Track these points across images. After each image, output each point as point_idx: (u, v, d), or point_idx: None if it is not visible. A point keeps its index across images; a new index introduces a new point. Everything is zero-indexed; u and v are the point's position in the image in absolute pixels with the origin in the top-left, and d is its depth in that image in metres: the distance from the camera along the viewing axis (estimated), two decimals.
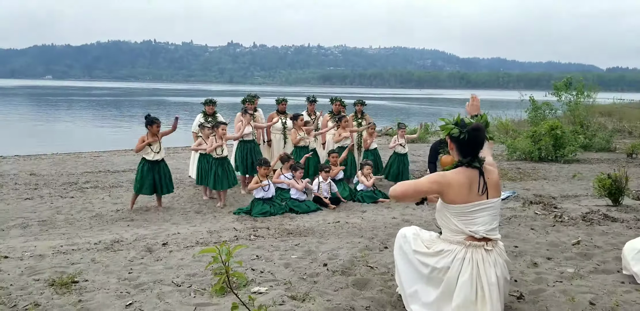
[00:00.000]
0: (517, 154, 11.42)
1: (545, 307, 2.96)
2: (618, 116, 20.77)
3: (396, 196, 2.71)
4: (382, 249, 4.30)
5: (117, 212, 6.50)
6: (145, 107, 37.43)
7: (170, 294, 3.26)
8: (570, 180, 8.50)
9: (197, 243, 4.73)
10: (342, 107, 8.84)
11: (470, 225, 2.69)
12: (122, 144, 15.34)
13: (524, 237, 4.58)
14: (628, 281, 3.39)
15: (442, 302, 2.71)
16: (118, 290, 3.37)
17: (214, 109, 8.11)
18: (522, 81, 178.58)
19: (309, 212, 6.47)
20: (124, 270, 3.86)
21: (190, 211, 6.65)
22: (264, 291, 3.25)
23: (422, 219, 5.59)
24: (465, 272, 2.65)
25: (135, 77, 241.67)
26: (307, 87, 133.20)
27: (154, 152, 6.60)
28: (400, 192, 2.69)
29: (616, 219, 5.18)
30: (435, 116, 24.27)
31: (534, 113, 14.30)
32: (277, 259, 4.03)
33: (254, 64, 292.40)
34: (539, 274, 3.55)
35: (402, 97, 77.71)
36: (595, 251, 4.10)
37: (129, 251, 4.44)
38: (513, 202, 6.39)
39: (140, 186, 6.57)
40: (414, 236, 2.90)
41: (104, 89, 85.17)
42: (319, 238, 4.82)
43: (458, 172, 2.72)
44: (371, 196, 7.28)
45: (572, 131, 12.16)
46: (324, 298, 3.08)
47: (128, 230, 5.50)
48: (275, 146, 8.49)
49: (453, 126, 2.76)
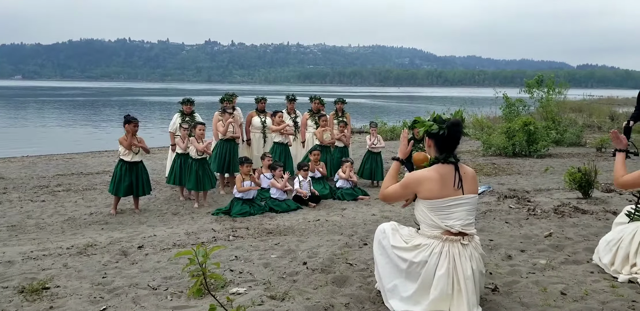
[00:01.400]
0: (492, 150, 11.61)
1: (519, 298, 3.03)
2: (588, 111, 21.33)
3: (383, 200, 3.00)
4: (362, 246, 4.33)
5: (90, 215, 6.37)
6: (120, 108, 36.79)
7: (146, 298, 3.22)
8: (543, 174, 8.69)
9: (174, 245, 4.67)
10: (321, 105, 8.88)
11: (446, 220, 2.74)
12: (96, 145, 15.06)
13: (499, 230, 4.66)
14: (597, 271, 3.49)
15: (419, 296, 2.75)
16: (91, 295, 3.31)
17: (191, 108, 8.04)
18: (497, 78, 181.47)
19: (289, 211, 6.46)
20: (98, 274, 3.79)
21: (167, 212, 6.57)
22: (242, 291, 3.23)
23: (401, 216, 5.64)
24: (442, 266, 2.70)
25: (110, 76, 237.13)
26: (287, 86, 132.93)
27: (132, 153, 6.50)
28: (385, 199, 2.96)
29: (586, 211, 5.32)
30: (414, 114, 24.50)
31: (508, 110, 14.56)
32: (256, 259, 4.01)
33: (233, 63, 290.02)
34: (513, 266, 3.63)
35: (380, 95, 78.19)
36: (567, 242, 4.20)
37: (103, 255, 4.36)
38: (488, 196, 6.50)
39: (116, 187, 6.46)
40: (392, 232, 2.94)
41: (76, 89, 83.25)
42: (299, 237, 4.82)
43: (431, 169, 2.79)
44: (351, 194, 7.31)
45: (545, 127, 12.41)
46: (304, 297, 3.09)
47: (102, 234, 5.41)
48: (254, 145, 8.45)
49: (432, 123, 2.79)
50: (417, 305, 2.74)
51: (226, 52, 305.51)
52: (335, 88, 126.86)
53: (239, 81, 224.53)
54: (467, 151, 12.27)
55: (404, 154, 3.02)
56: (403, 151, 3.03)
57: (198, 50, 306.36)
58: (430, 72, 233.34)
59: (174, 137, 7.88)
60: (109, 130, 20.29)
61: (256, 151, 8.28)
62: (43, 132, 20.58)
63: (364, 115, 29.46)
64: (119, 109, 35.41)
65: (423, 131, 2.85)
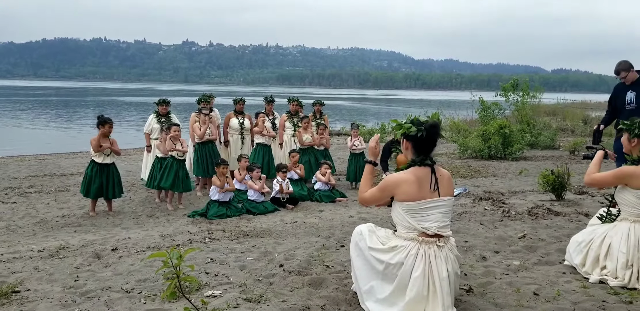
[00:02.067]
0: (469, 153, 11.78)
1: (493, 299, 3.07)
2: (562, 115, 21.85)
3: (363, 204, 3.02)
4: (339, 247, 4.33)
5: (63, 217, 6.23)
6: (95, 108, 36.11)
7: (119, 301, 3.15)
8: (518, 177, 8.85)
9: (148, 247, 4.60)
10: (299, 107, 8.87)
11: (422, 222, 2.76)
12: (69, 146, 14.74)
13: (474, 232, 4.72)
14: (569, 271, 3.56)
15: (395, 297, 2.76)
16: (63, 299, 3.23)
17: (167, 109, 7.93)
18: (473, 82, 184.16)
19: (266, 213, 6.43)
20: (70, 277, 3.70)
21: (142, 214, 6.47)
22: (218, 294, 3.20)
23: (379, 217, 5.67)
24: (418, 268, 2.71)
25: (85, 76, 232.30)
26: (265, 87, 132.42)
27: (104, 155, 6.37)
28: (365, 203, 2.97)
29: (559, 213, 5.43)
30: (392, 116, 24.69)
31: (484, 113, 14.79)
32: (232, 261, 3.98)
33: (211, 64, 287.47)
34: (488, 267, 3.68)
35: (359, 98, 78.55)
36: (540, 244, 4.28)
37: (76, 257, 4.27)
38: (464, 198, 6.58)
39: (87, 189, 6.32)
40: (369, 233, 2.95)
41: (50, 89, 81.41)
42: (276, 239, 4.80)
43: (407, 171, 2.80)
44: (329, 196, 7.32)
45: (520, 130, 12.66)
46: (280, 299, 3.07)
47: (75, 236, 5.29)
48: (232, 146, 8.39)
49: (410, 125, 2.81)
50: (393, 306, 2.75)
51: (204, 53, 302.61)
52: (314, 90, 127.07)
53: (217, 82, 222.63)
54: (444, 154, 12.42)
55: (374, 156, 3.04)
56: (373, 152, 3.04)
57: (175, 50, 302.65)
58: (409, 75, 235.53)
59: (150, 138, 7.77)
60: (84, 131, 19.88)
61: (234, 153, 8.21)
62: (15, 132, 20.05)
63: (343, 117, 29.58)
64: (94, 109, 34.75)
65: (400, 133, 2.86)
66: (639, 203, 3.31)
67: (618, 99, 5.71)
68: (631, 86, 5.58)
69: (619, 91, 5.71)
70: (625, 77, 5.58)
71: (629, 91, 5.58)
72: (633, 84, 5.57)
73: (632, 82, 5.57)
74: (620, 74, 5.60)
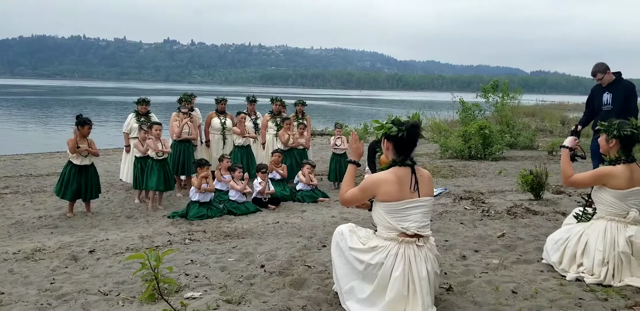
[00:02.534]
0: (449, 153, 11.90)
1: (472, 297, 3.10)
2: (540, 116, 22.24)
3: (344, 205, 3.02)
4: (321, 248, 4.32)
5: (39, 219, 6.10)
6: (74, 107, 35.46)
7: (96, 304, 3.10)
8: (497, 176, 8.97)
9: (127, 249, 4.53)
10: (282, 107, 8.84)
11: (402, 222, 2.77)
12: (46, 146, 14.45)
13: (454, 231, 4.77)
14: (547, 270, 3.62)
15: (376, 297, 2.77)
16: (38, 302, 3.16)
17: (147, 108, 7.82)
18: (455, 83, 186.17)
19: (248, 213, 6.39)
20: (46, 280, 3.63)
21: (120, 216, 6.37)
22: (197, 296, 3.16)
23: (360, 217, 5.68)
24: (398, 267, 2.72)
25: (63, 74, 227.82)
26: (248, 87, 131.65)
27: (82, 156, 6.25)
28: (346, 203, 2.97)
29: (537, 212, 5.52)
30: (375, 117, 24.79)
31: (465, 114, 14.96)
32: (212, 263, 3.94)
33: (192, 63, 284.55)
34: (467, 266, 3.71)
35: (342, 98, 78.70)
36: (518, 242, 4.34)
37: (52, 260, 4.19)
38: (445, 198, 6.64)
39: (63, 190, 6.19)
40: (350, 233, 2.95)
41: (27, 87, 79.62)
42: (258, 240, 4.77)
43: (388, 171, 2.81)
44: (311, 196, 7.31)
45: (499, 131, 12.83)
46: (260, 300, 3.05)
47: (51, 238, 5.18)
48: (214, 146, 8.31)
49: (391, 125, 2.82)
50: (374, 306, 2.75)
51: (186, 52, 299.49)
52: (297, 90, 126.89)
53: (198, 81, 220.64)
54: (425, 154, 12.53)
55: (358, 156, 3.03)
56: (356, 152, 3.04)
57: (156, 49, 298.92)
58: (391, 76, 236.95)
59: (129, 138, 7.66)
60: (61, 130, 19.50)
61: (215, 153, 8.14)
62: None
63: (326, 117, 29.62)
64: (73, 108, 34.13)
65: (381, 133, 2.87)
66: (615, 202, 3.38)
67: (595, 100, 5.82)
68: (607, 87, 5.69)
69: (596, 93, 5.82)
70: (601, 79, 5.70)
71: (605, 92, 5.69)
72: (609, 85, 5.69)
73: (608, 84, 5.69)
74: (597, 76, 5.71)
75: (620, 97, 5.58)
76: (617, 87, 5.64)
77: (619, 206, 3.38)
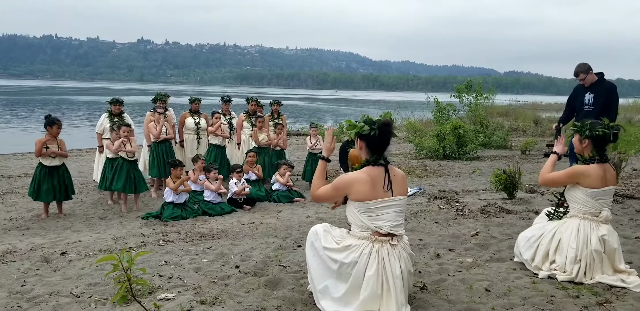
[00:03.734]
0: (424, 153, 12.04)
1: (446, 296, 3.15)
2: (514, 116, 22.69)
3: (315, 201, 3.09)
4: (296, 248, 4.33)
5: (10, 220, 5.94)
6: (46, 107, 34.54)
7: (68, 306, 3.04)
8: (471, 176, 9.11)
9: (100, 250, 4.45)
10: (258, 107, 8.80)
11: (375, 221, 2.79)
12: (17, 147, 14.05)
13: (429, 230, 4.83)
14: (519, 268, 3.69)
15: (350, 296, 2.78)
16: (8, 305, 3.08)
17: (120, 108, 7.69)
18: (429, 83, 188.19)
19: (223, 214, 6.35)
20: (17, 282, 3.54)
21: (93, 217, 6.25)
22: (171, 297, 3.13)
23: (336, 217, 5.70)
24: (372, 266, 2.74)
25: (34, 74, 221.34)
26: (223, 87, 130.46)
27: (51, 157, 6.11)
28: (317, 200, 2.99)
29: (510, 211, 5.64)
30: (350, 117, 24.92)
31: (439, 114, 15.15)
32: (187, 263, 3.90)
33: (167, 62, 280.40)
34: (441, 265, 3.77)
35: (318, 98, 78.69)
36: (492, 241, 4.42)
37: (23, 262, 4.09)
38: (419, 197, 6.72)
39: (36, 192, 6.04)
40: (324, 233, 2.95)
41: None
42: (233, 240, 4.75)
43: (361, 171, 2.83)
44: (287, 196, 7.30)
45: (473, 131, 13.04)
46: (235, 301, 3.04)
47: (23, 239, 5.05)
48: (188, 146, 8.23)
49: (363, 124, 2.84)
50: (348, 305, 2.77)
51: (160, 52, 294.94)
52: (273, 90, 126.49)
53: (173, 81, 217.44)
54: (401, 154, 12.64)
55: (329, 152, 3.05)
56: (327, 148, 3.05)
57: (130, 48, 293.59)
58: (367, 76, 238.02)
59: (102, 138, 7.52)
60: (33, 131, 18.98)
61: (189, 153, 8.06)
62: None
63: (302, 117, 29.59)
64: (44, 108, 33.22)
65: (354, 132, 2.89)
66: (588, 201, 3.46)
67: (577, 100, 5.93)
68: (589, 87, 5.78)
69: (578, 93, 5.91)
70: (584, 79, 5.78)
71: (587, 92, 5.79)
72: (591, 86, 5.77)
73: (590, 84, 5.78)
74: (579, 76, 5.80)
75: (602, 98, 5.65)
76: (599, 88, 5.72)
77: (592, 205, 3.46)
